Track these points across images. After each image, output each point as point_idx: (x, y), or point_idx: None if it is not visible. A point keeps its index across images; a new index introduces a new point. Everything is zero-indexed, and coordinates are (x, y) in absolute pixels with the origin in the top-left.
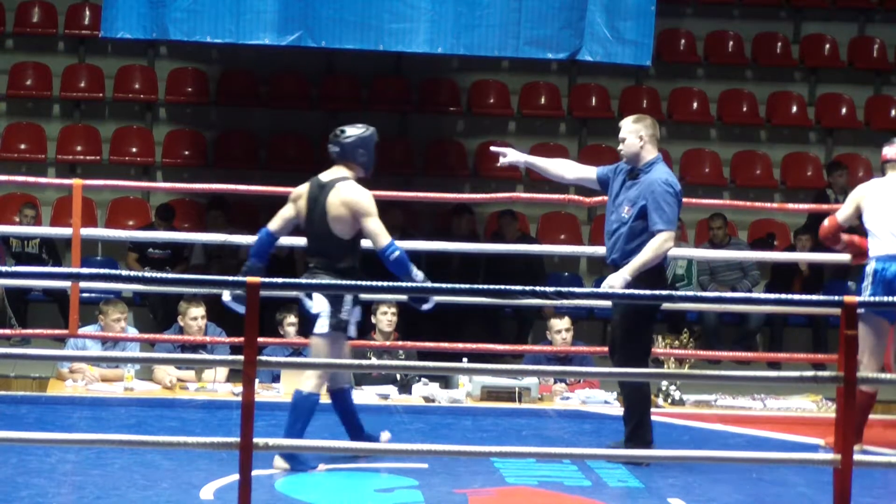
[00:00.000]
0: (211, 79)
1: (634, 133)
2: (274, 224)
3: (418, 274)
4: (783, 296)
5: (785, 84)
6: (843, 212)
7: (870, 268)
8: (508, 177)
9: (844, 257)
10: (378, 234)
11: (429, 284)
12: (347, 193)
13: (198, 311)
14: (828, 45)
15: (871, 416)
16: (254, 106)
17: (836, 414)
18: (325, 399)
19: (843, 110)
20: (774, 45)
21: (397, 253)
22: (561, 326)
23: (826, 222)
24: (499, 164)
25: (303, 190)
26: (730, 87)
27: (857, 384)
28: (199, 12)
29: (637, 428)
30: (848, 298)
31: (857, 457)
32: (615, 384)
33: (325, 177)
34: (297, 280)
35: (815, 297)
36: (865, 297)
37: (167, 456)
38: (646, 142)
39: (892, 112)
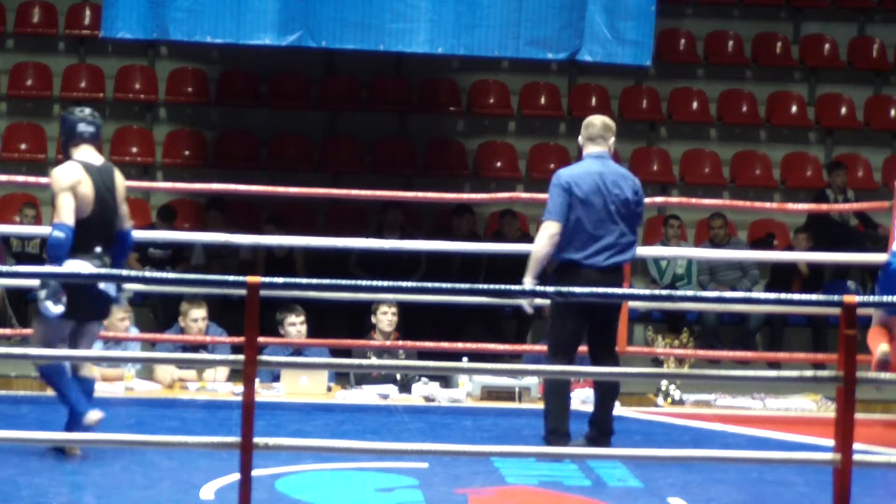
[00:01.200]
0: (211, 79)
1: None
2: (70, 218)
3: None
4: (783, 295)
5: (785, 84)
6: None
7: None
8: (509, 177)
9: (843, 257)
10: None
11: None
12: (120, 175)
13: (199, 313)
14: (827, 45)
15: (872, 416)
16: (254, 106)
17: (836, 414)
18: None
19: (843, 110)
20: (774, 45)
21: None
22: None
23: None
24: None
25: (80, 176)
26: (730, 87)
27: (856, 383)
28: (200, 12)
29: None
30: (848, 298)
31: (857, 456)
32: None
33: (94, 160)
34: (296, 280)
35: (814, 297)
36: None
37: (167, 455)
38: (583, 143)
39: (892, 112)
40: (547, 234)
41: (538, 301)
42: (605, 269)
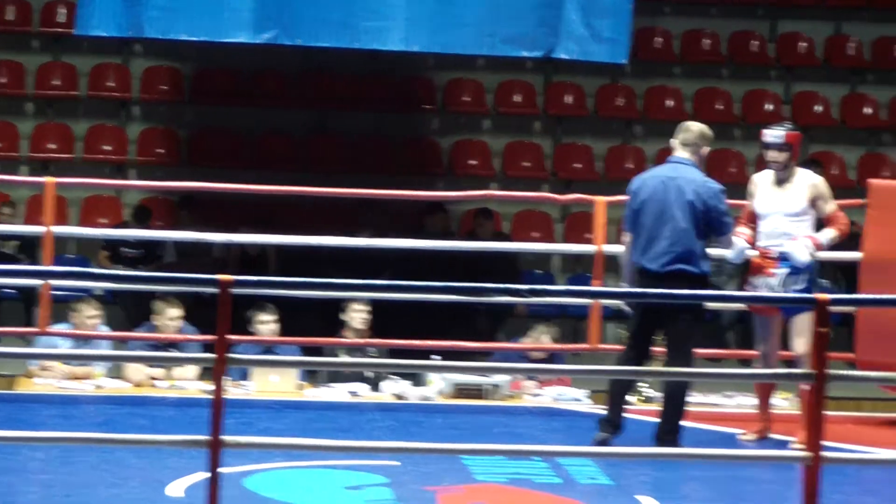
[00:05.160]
0: (186, 77)
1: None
2: None
3: None
4: (756, 293)
5: (761, 82)
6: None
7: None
8: (483, 175)
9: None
10: None
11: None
12: None
13: (176, 312)
14: (804, 44)
15: (842, 413)
16: (229, 104)
17: (807, 411)
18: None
19: (819, 108)
20: (750, 43)
21: None
22: (545, 337)
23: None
24: None
25: None
26: (706, 86)
27: (827, 380)
28: (175, 10)
29: (678, 427)
30: (820, 296)
31: (827, 454)
32: (584, 382)
33: None
34: (269, 278)
35: (787, 295)
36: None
37: (137, 454)
38: (673, 146)
39: (868, 110)
40: (623, 242)
41: (510, 299)
42: (660, 275)
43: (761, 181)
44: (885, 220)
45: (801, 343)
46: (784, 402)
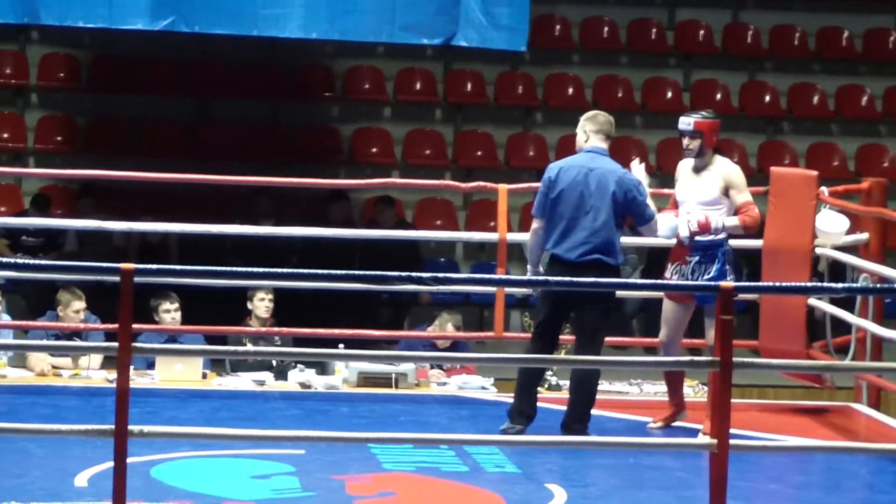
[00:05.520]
0: (83, 64)
1: (580, 128)
2: None
3: None
4: (659, 280)
5: (660, 70)
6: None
7: (721, 250)
8: (384, 163)
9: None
10: None
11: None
12: None
13: (80, 304)
14: (702, 32)
15: (748, 401)
16: (126, 92)
17: (713, 398)
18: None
19: (718, 96)
20: (649, 31)
21: None
22: (450, 326)
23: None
24: None
25: None
26: (605, 73)
27: (732, 368)
28: None
29: (587, 416)
30: (724, 284)
31: (733, 441)
32: (489, 371)
33: None
34: (171, 266)
35: (692, 283)
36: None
37: (40, 444)
38: (586, 136)
39: (766, 98)
40: (531, 230)
41: (413, 287)
42: (576, 264)
43: (683, 169)
44: (785, 208)
45: (714, 333)
46: (688, 391)
